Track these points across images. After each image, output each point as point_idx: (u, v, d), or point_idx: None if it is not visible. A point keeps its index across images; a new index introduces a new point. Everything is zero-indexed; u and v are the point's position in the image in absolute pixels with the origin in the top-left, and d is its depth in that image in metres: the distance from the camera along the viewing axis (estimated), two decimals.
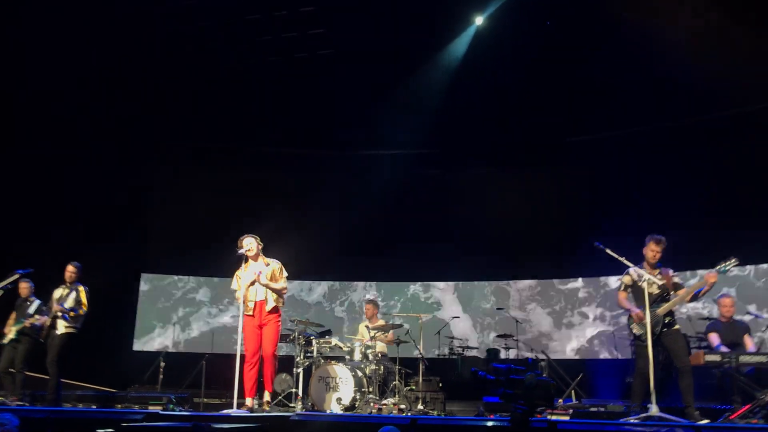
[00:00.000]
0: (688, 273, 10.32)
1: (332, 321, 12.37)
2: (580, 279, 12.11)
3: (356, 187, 12.46)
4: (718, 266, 6.39)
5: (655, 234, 6.61)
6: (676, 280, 6.62)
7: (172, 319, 12.52)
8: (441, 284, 12.80)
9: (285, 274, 7.25)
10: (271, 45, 10.35)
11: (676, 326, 6.47)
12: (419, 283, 12.87)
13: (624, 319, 6.83)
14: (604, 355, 11.49)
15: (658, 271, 6.55)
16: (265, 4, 9.55)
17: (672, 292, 6.49)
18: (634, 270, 6.51)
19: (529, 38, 9.96)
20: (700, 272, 9.97)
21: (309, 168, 12.91)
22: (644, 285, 6.26)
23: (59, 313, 7.76)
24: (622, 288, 6.66)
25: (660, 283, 6.43)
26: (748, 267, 10.58)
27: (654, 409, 5.83)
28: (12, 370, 7.96)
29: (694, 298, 6.63)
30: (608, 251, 6.51)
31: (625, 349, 10.58)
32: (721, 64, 8.76)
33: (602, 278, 11.86)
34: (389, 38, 10.12)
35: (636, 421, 5.77)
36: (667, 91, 10.22)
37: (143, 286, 12.65)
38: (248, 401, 6.87)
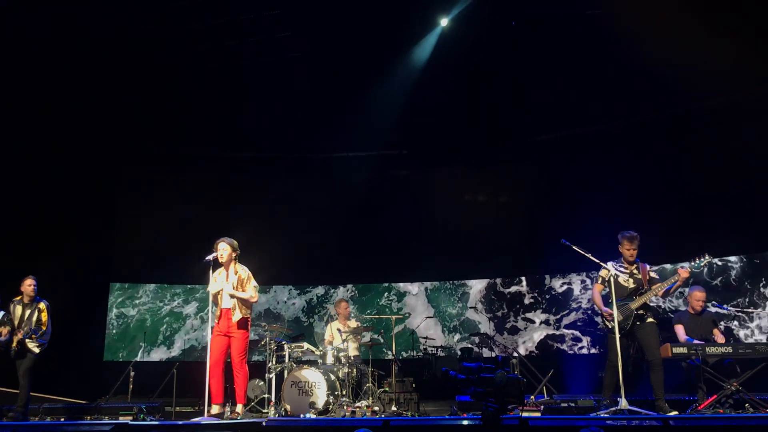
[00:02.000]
0: (659, 267, 10.50)
1: (304, 326, 12.37)
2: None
3: (324, 190, 12.48)
4: (692, 262, 6.53)
5: (626, 231, 6.72)
6: (653, 275, 6.74)
7: (142, 328, 12.34)
8: (411, 285, 12.80)
9: (254, 283, 7.06)
10: (238, 49, 10.29)
11: (650, 320, 6.58)
12: (389, 284, 12.86)
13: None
14: (577, 349, 11.61)
15: (635, 266, 6.66)
16: (231, 7, 9.49)
17: (647, 287, 6.60)
18: (612, 264, 6.62)
19: (493, 38, 10.04)
20: (669, 266, 10.13)
21: (276, 172, 12.86)
22: (621, 279, 6.43)
23: (26, 336, 7.62)
24: (599, 281, 6.77)
25: (637, 276, 6.56)
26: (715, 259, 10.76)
27: (623, 403, 5.92)
28: None
29: (666, 293, 6.74)
30: (575, 248, 6.60)
31: (599, 344, 10.75)
32: (682, 58, 8.87)
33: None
34: (355, 40, 10.11)
35: (606, 415, 5.85)
36: (630, 87, 10.36)
37: (112, 296, 12.46)
38: (215, 408, 6.74)
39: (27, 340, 7.63)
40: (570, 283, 11.85)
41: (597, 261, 6.62)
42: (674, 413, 5.99)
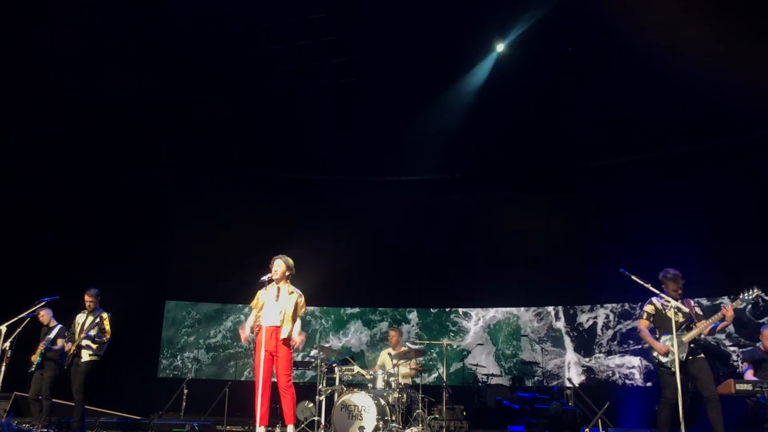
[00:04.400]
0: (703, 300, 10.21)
1: (354, 349, 12.39)
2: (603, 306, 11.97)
3: (376, 214, 12.54)
4: (741, 296, 6.29)
5: (667, 271, 6.53)
6: (697, 310, 6.56)
7: (196, 345, 12.55)
8: (464, 311, 12.70)
9: (303, 310, 6.95)
10: (294, 74, 10.48)
11: (701, 354, 6.37)
12: (442, 309, 12.78)
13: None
14: (632, 382, 11.29)
15: (680, 301, 6.47)
16: (287, 31, 9.68)
17: (695, 321, 6.40)
18: (657, 299, 6.45)
19: (549, 64, 9.99)
20: (727, 299, 9.80)
21: (328, 195, 13.02)
22: (670, 313, 6.19)
23: (84, 342, 7.81)
24: (645, 317, 6.58)
25: (685, 310, 6.35)
26: None
27: None
28: (39, 397, 8.03)
29: (712, 331, 6.52)
30: (633, 278, 6.43)
31: (653, 377, 10.42)
32: (739, 87, 8.68)
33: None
34: (410, 64, 10.18)
35: None
36: (685, 115, 10.16)
37: (167, 313, 12.72)
38: (260, 430, 6.50)
39: (83, 348, 7.82)
40: (614, 313, 11.61)
41: (656, 291, 6.43)
42: None
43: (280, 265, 6.87)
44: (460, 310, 12.68)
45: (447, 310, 12.74)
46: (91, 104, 10.25)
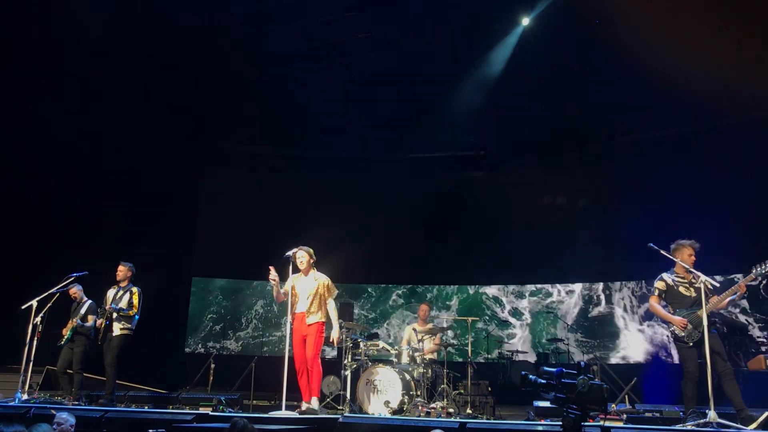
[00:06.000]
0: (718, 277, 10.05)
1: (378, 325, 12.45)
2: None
3: (401, 191, 12.49)
4: (753, 270, 6.14)
5: (683, 239, 6.43)
6: (709, 284, 6.39)
7: (222, 321, 12.69)
8: (489, 288, 12.67)
9: (334, 292, 7.24)
10: (318, 51, 10.43)
11: (714, 330, 6.27)
12: (465, 286, 12.78)
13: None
14: (657, 358, 11.21)
15: (692, 275, 6.34)
16: (312, 9, 9.64)
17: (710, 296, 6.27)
18: (668, 275, 6.37)
19: (575, 37, 9.80)
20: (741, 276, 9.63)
21: (353, 172, 12.99)
22: (682, 288, 6.13)
23: (113, 314, 7.92)
24: (656, 293, 6.46)
25: (697, 286, 6.24)
26: None
27: (712, 415, 5.62)
28: (69, 371, 8.19)
29: (724, 305, 6.40)
30: (663, 252, 6.34)
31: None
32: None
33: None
34: (435, 41, 10.08)
35: (693, 427, 5.58)
36: (710, 90, 9.87)
37: (194, 289, 12.86)
38: (303, 405, 6.87)
39: (114, 321, 7.94)
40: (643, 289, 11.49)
41: (684, 265, 6.32)
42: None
43: (303, 256, 7.20)
44: (488, 287, 12.64)
45: (471, 287, 12.73)
46: (121, 81, 10.31)
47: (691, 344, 6.11)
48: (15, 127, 10.02)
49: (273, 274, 6.93)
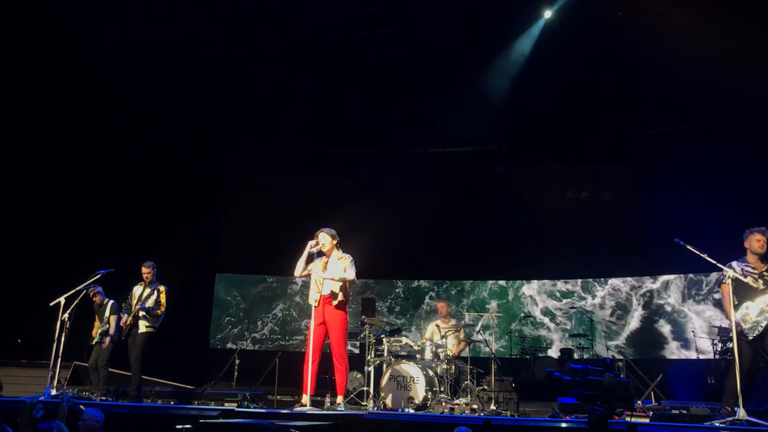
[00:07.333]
0: None
1: (402, 320, 12.45)
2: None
3: (422, 185, 12.45)
4: None
5: (752, 227, 6.27)
6: None
7: (246, 317, 12.77)
8: (511, 283, 12.61)
9: (354, 268, 7.00)
10: (339, 45, 10.42)
11: None
12: (487, 282, 12.72)
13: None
14: (683, 355, 11.08)
15: (765, 267, 6.16)
16: (330, 5, 9.63)
17: None
18: (737, 263, 6.20)
19: (598, 30, 9.69)
20: None
21: (375, 167, 12.99)
22: (749, 279, 6.02)
23: (140, 313, 8.03)
24: (726, 281, 6.07)
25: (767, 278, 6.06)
26: None
27: (741, 413, 5.52)
28: (97, 366, 8.31)
29: None
30: (689, 247, 6.22)
31: (706, 350, 10.20)
32: None
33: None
34: (457, 33, 10.02)
35: (721, 425, 5.50)
36: (733, 83, 9.72)
37: (218, 285, 12.95)
38: (303, 398, 6.59)
39: (140, 318, 8.04)
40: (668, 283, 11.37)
41: (712, 261, 6.19)
42: None
43: (325, 238, 6.99)
44: (505, 282, 12.58)
45: (494, 283, 12.68)
46: (144, 82, 10.40)
47: (751, 338, 5.96)
48: (35, 125, 10.16)
49: (315, 241, 6.86)
